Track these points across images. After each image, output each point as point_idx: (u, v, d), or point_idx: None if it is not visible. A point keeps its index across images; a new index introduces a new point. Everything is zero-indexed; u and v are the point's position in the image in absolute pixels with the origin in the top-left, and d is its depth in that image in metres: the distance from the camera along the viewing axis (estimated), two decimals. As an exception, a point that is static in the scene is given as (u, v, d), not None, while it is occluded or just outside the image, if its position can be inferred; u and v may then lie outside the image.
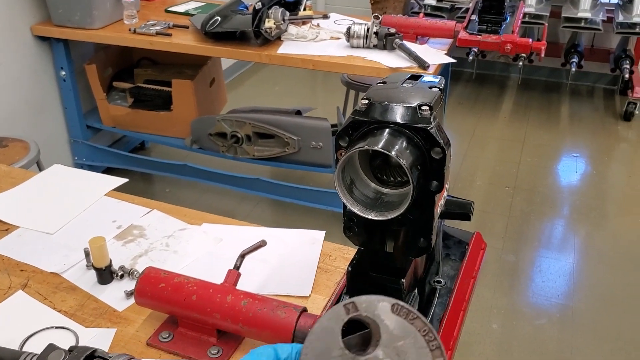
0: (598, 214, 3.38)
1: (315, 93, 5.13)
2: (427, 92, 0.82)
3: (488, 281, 2.81)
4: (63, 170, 1.68)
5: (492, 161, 3.93)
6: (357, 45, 2.66)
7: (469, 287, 0.99)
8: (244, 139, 2.99)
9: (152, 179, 3.62)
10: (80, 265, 1.29)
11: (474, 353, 2.45)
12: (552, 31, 4.66)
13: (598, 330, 2.56)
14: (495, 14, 2.74)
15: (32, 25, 3.02)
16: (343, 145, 0.80)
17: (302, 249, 1.35)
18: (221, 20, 2.71)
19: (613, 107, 4.69)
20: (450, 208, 0.92)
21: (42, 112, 3.19)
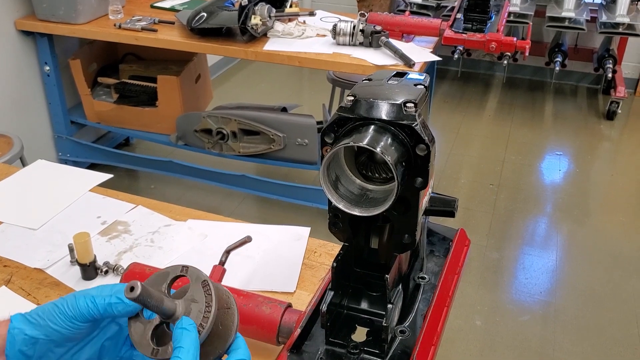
0: (581, 212, 3.42)
1: (301, 90, 5.13)
2: (413, 89, 0.82)
3: (472, 278, 2.83)
4: (47, 165, 1.67)
5: (477, 159, 3.95)
6: (343, 42, 2.66)
7: (453, 284, 1.00)
8: (230, 135, 2.98)
9: (137, 175, 3.60)
10: (64, 261, 1.28)
11: (458, 349, 2.47)
12: (536, 30, 4.70)
13: (580, 326, 2.59)
14: (480, 13, 2.76)
15: (15, 20, 2.98)
16: (328, 142, 0.80)
17: (287, 245, 1.35)
18: (207, 16, 2.70)
19: (596, 106, 4.74)
20: (435, 205, 0.92)
21: (26, 108, 3.16)
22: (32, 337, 0.67)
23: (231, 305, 0.71)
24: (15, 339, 0.66)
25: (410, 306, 0.94)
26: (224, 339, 0.69)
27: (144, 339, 0.67)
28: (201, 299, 0.68)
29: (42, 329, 0.67)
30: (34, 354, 0.67)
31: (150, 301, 0.65)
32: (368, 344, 0.87)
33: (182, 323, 0.65)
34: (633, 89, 4.90)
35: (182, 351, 0.62)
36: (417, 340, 0.87)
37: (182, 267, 0.71)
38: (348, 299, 0.91)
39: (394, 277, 0.88)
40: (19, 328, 0.67)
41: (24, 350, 0.67)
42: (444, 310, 0.94)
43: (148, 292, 0.65)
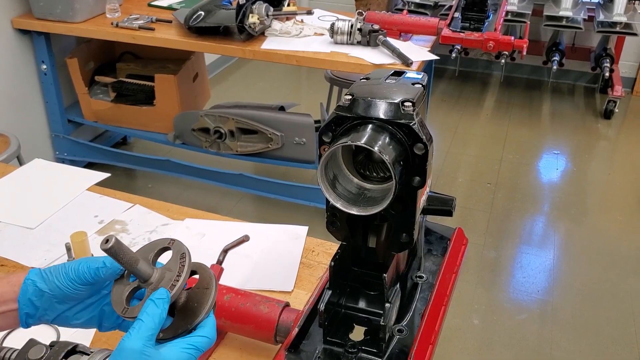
0: (578, 211, 3.42)
1: (299, 89, 5.13)
2: (410, 88, 0.82)
3: (469, 277, 2.83)
4: (44, 164, 1.66)
5: (474, 158, 3.95)
6: (341, 41, 2.66)
7: (451, 283, 1.00)
8: (227, 134, 2.98)
9: (134, 174, 3.59)
10: (61, 260, 1.28)
11: (455, 348, 2.47)
12: (534, 29, 4.70)
13: (577, 325, 2.59)
14: (478, 12, 2.76)
15: (12, 18, 2.98)
16: (326, 141, 0.80)
17: (285, 244, 1.35)
18: (205, 15, 2.69)
19: (593, 105, 4.75)
20: (433, 204, 0.92)
21: (23, 106, 3.15)
22: (40, 289, 0.75)
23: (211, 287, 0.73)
24: (28, 289, 0.75)
25: (408, 305, 0.94)
26: (194, 316, 0.71)
27: (120, 298, 0.72)
28: (175, 269, 0.71)
29: (48, 284, 0.75)
30: (40, 306, 0.75)
31: (123, 257, 0.69)
32: (366, 343, 0.87)
33: (156, 294, 0.69)
34: (630, 88, 4.91)
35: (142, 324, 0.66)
36: (414, 339, 0.87)
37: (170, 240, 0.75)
38: (346, 298, 0.91)
39: (391, 276, 0.88)
40: (32, 280, 0.75)
41: (33, 300, 0.75)
42: (441, 309, 0.94)
43: (121, 248, 0.68)
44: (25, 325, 0.77)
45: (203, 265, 0.76)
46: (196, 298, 0.72)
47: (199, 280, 0.74)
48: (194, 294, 0.73)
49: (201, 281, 0.74)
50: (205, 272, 0.75)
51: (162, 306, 0.68)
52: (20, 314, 0.75)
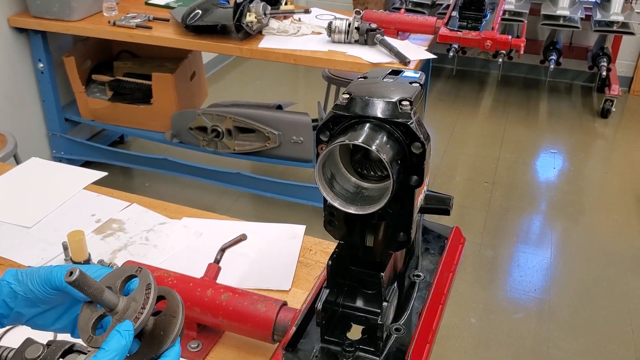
0: (575, 210, 3.43)
1: (296, 88, 5.13)
2: (408, 87, 0.82)
3: (467, 276, 2.84)
4: (41, 163, 1.66)
5: (472, 157, 3.96)
6: (339, 40, 2.66)
7: (448, 281, 1.00)
8: (225, 133, 2.98)
9: (131, 173, 3.59)
10: (58, 259, 1.28)
11: (453, 347, 2.47)
12: (531, 28, 4.71)
13: (574, 324, 2.60)
14: (475, 11, 2.76)
15: (9, 17, 2.97)
16: (324, 140, 0.80)
17: (282, 243, 1.35)
18: (202, 13, 2.69)
19: (590, 104, 4.76)
20: (430, 203, 0.92)
21: (20, 105, 3.14)
22: (14, 291, 0.75)
23: (177, 315, 0.74)
24: (3, 290, 0.75)
25: (405, 304, 0.94)
26: (160, 344, 0.72)
27: (86, 325, 0.72)
28: (140, 300, 0.72)
29: (22, 286, 0.75)
30: (14, 307, 0.76)
31: (87, 289, 0.69)
32: (363, 342, 0.87)
33: (121, 326, 0.69)
34: (627, 87, 4.92)
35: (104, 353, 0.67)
36: (412, 338, 0.87)
37: (137, 268, 0.75)
38: (343, 297, 0.91)
39: (389, 275, 0.88)
40: (7, 281, 0.75)
41: (7, 301, 0.75)
42: (439, 308, 0.94)
43: (85, 280, 0.69)
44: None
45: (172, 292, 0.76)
46: (163, 326, 0.73)
47: (167, 308, 0.74)
48: (161, 321, 0.74)
49: (168, 309, 0.74)
50: (174, 299, 0.75)
51: (127, 338, 0.68)
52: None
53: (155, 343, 0.72)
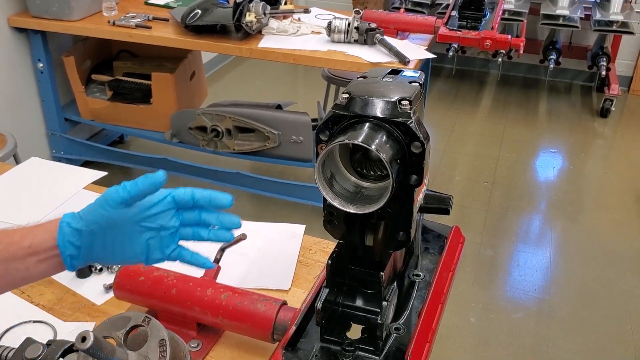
0: (574, 209, 3.43)
1: (296, 87, 5.13)
2: (407, 86, 0.82)
3: (466, 275, 2.84)
4: (40, 163, 1.66)
5: (471, 156, 3.96)
6: (338, 40, 2.66)
7: (448, 281, 1.00)
8: (224, 133, 2.98)
9: (131, 172, 3.59)
10: (58, 258, 1.28)
11: (452, 346, 2.47)
12: (531, 28, 4.70)
13: (573, 323, 2.60)
14: (475, 11, 2.76)
15: (8, 16, 2.97)
16: (323, 139, 0.80)
17: (282, 243, 1.35)
18: (202, 13, 2.69)
19: (590, 103, 4.76)
20: (430, 202, 0.92)
21: (19, 105, 3.14)
22: (77, 229, 0.77)
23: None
24: (65, 231, 0.77)
25: (405, 303, 0.94)
26: None
27: None
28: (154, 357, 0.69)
29: (83, 221, 0.77)
30: (81, 245, 0.77)
31: (101, 354, 0.67)
32: (363, 341, 0.87)
33: None
34: (627, 87, 4.92)
35: None
36: (411, 337, 0.87)
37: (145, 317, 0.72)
38: (343, 296, 0.91)
39: (388, 274, 0.88)
40: (66, 222, 0.78)
41: (72, 241, 0.77)
42: (438, 308, 0.94)
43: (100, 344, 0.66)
44: (71, 268, 0.79)
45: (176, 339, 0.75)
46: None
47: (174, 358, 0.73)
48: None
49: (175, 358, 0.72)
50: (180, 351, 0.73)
51: None
52: (63, 258, 0.77)
53: None
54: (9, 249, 0.77)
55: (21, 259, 0.77)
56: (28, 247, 0.77)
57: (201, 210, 0.82)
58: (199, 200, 0.81)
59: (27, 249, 0.77)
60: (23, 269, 0.77)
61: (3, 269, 0.77)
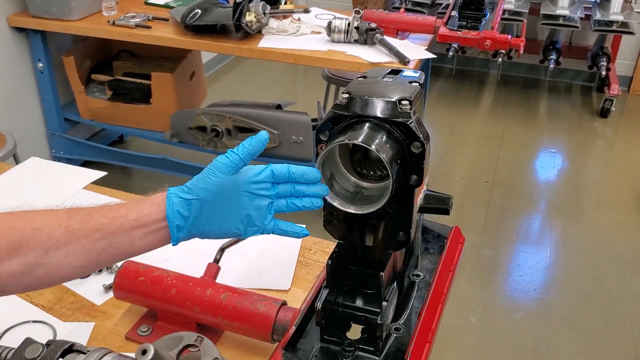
0: (574, 209, 3.43)
1: (296, 87, 5.12)
2: (407, 86, 0.82)
3: (466, 275, 2.84)
4: (40, 163, 1.66)
5: (471, 156, 3.96)
6: (338, 39, 2.66)
7: (448, 281, 1.00)
8: (224, 132, 2.98)
9: (130, 172, 3.59)
10: (57, 259, 1.27)
11: (452, 346, 2.47)
12: (531, 28, 4.70)
13: (573, 323, 2.60)
14: (475, 10, 2.76)
15: (8, 16, 2.97)
16: (323, 139, 0.80)
17: (282, 243, 1.35)
18: (201, 13, 2.69)
19: (590, 103, 4.76)
20: (430, 202, 0.92)
21: (19, 105, 3.14)
22: (185, 199, 0.79)
23: None
24: (173, 202, 0.79)
25: (405, 304, 0.94)
26: None
27: None
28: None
29: (191, 191, 0.79)
30: (189, 215, 0.79)
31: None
32: (363, 341, 0.87)
33: None
34: (627, 87, 4.92)
35: None
36: (411, 337, 0.87)
37: (197, 336, 0.74)
38: (343, 296, 0.91)
39: (388, 274, 0.88)
40: (174, 193, 0.80)
41: (180, 211, 0.79)
42: (438, 308, 0.94)
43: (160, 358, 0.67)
44: (175, 241, 0.80)
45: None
46: None
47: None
48: None
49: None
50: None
51: None
52: (171, 228, 0.79)
53: None
54: (115, 222, 0.78)
55: (127, 231, 0.78)
56: (134, 220, 0.79)
57: (294, 184, 0.84)
58: (294, 174, 0.83)
59: (134, 222, 0.79)
60: (128, 242, 0.79)
61: (108, 243, 0.78)
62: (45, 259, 0.77)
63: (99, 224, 0.78)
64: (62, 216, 0.79)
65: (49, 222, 0.78)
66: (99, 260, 0.80)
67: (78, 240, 0.77)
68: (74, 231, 0.77)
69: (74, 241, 0.77)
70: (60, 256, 0.77)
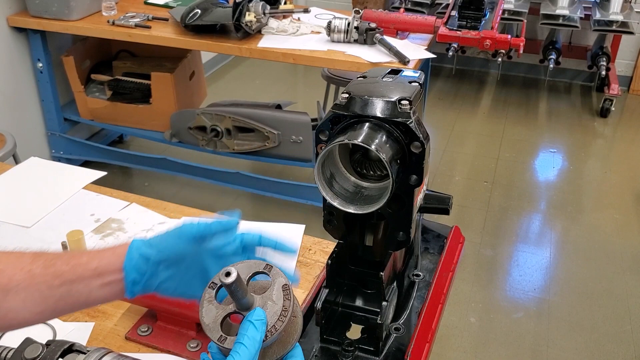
0: (574, 209, 3.43)
1: (296, 87, 5.12)
2: (407, 86, 0.82)
3: (466, 275, 2.83)
4: (40, 163, 1.66)
5: (471, 156, 3.96)
6: (338, 39, 2.66)
7: (447, 281, 1.00)
8: (224, 132, 2.98)
9: (130, 172, 3.59)
10: (57, 259, 1.27)
11: (452, 346, 2.47)
12: (530, 28, 4.70)
13: (573, 323, 2.60)
14: (474, 10, 2.76)
15: (8, 16, 2.97)
16: (323, 139, 0.80)
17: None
18: (201, 13, 2.69)
19: (590, 103, 4.75)
20: (429, 202, 0.92)
21: (19, 105, 3.14)
22: (145, 255, 0.77)
23: (298, 315, 0.72)
24: (133, 256, 0.77)
25: (404, 303, 0.94)
26: (284, 345, 0.70)
27: (215, 324, 0.70)
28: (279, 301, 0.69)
29: (153, 248, 0.77)
30: (146, 271, 0.77)
31: (239, 291, 0.67)
32: (363, 341, 0.87)
33: (254, 315, 0.67)
34: (626, 87, 4.92)
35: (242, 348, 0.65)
36: (411, 337, 0.87)
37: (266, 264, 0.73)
38: (343, 296, 0.91)
39: (388, 274, 0.88)
40: (136, 247, 0.77)
41: (138, 266, 0.76)
42: (438, 308, 0.94)
43: (240, 282, 0.66)
44: (130, 294, 0.78)
45: None
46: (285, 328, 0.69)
47: None
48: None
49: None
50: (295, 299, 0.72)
51: (261, 329, 0.66)
52: (126, 282, 0.76)
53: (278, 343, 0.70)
54: (75, 270, 0.76)
55: (86, 280, 0.76)
56: (94, 269, 0.77)
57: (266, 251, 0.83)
58: (265, 245, 0.82)
59: (93, 271, 0.76)
60: (86, 291, 0.77)
61: (66, 290, 0.76)
62: (4, 302, 0.74)
63: (60, 270, 0.76)
64: (27, 260, 0.77)
65: (12, 264, 0.76)
66: (56, 307, 0.77)
67: (37, 285, 0.75)
68: (34, 276, 0.75)
69: (33, 286, 0.75)
70: (19, 300, 0.75)
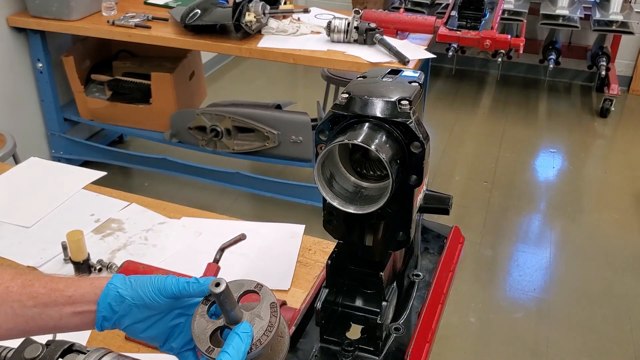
0: (574, 209, 3.43)
1: (296, 87, 5.12)
2: (407, 86, 0.82)
3: (466, 275, 2.83)
4: (40, 163, 1.66)
5: (471, 156, 3.96)
6: (338, 39, 2.66)
7: (447, 281, 1.00)
8: (224, 132, 2.98)
9: (130, 172, 3.59)
10: (57, 259, 1.28)
11: (452, 346, 2.47)
12: (530, 28, 4.70)
13: (573, 323, 2.60)
14: (474, 10, 2.76)
15: (8, 16, 2.97)
16: (323, 139, 0.80)
17: (281, 243, 1.35)
18: (201, 13, 2.69)
19: (590, 103, 4.75)
20: (429, 202, 0.92)
21: (19, 105, 3.14)
22: (121, 295, 0.76)
23: (284, 335, 0.75)
24: (110, 293, 0.76)
25: (404, 303, 0.94)
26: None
27: (204, 335, 0.72)
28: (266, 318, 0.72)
29: (131, 292, 0.76)
30: (118, 311, 0.76)
31: (227, 302, 0.70)
32: (363, 341, 0.87)
33: (240, 328, 0.69)
34: (626, 87, 4.92)
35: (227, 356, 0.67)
36: (411, 337, 0.87)
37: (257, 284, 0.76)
38: (343, 296, 0.91)
39: (388, 274, 0.88)
40: (114, 285, 0.76)
41: (112, 304, 0.76)
42: (438, 308, 0.94)
43: (229, 293, 0.69)
44: (99, 328, 0.78)
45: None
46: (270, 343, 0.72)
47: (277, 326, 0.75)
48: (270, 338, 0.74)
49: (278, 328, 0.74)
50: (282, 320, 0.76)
51: (246, 341, 0.68)
52: (97, 316, 0.77)
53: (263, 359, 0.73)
54: (51, 294, 0.77)
55: (59, 306, 0.77)
56: (69, 297, 0.77)
57: None
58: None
59: (68, 298, 0.77)
60: (57, 317, 0.77)
61: (38, 313, 0.77)
62: None
63: (36, 292, 0.77)
64: (7, 276, 0.78)
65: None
66: (26, 327, 0.78)
67: (11, 303, 0.76)
68: (10, 293, 0.77)
69: (7, 303, 0.76)
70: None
